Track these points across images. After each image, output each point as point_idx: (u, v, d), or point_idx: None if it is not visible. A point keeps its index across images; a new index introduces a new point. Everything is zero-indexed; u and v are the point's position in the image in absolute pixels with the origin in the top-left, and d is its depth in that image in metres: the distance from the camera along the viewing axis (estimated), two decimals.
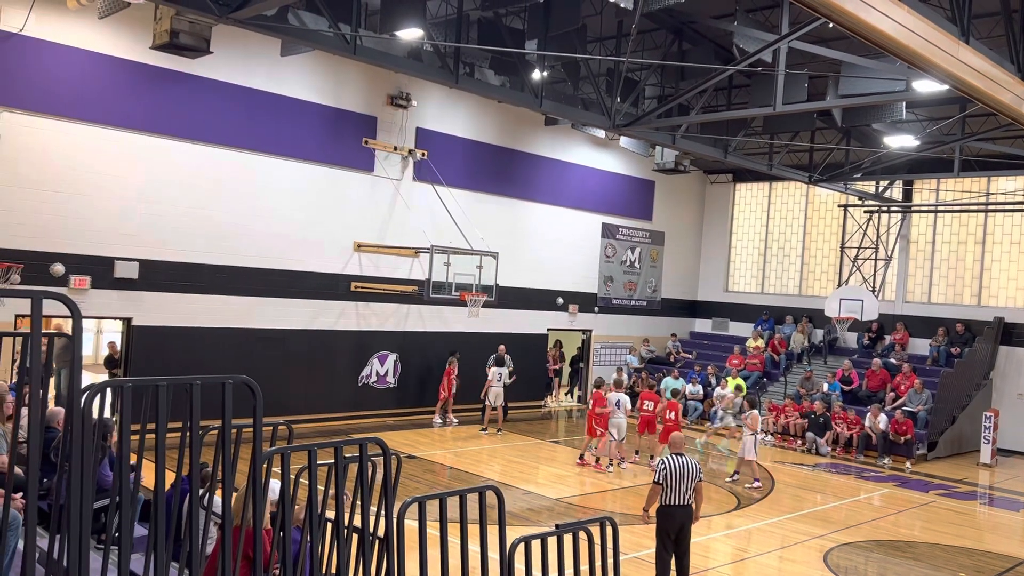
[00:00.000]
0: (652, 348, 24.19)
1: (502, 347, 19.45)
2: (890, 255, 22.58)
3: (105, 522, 6.14)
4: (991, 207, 21.00)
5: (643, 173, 23.69)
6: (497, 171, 20.18)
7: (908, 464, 17.34)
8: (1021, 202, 20.47)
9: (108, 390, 3.53)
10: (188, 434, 3.73)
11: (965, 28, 9.11)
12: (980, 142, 17.61)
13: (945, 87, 10.38)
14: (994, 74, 9.69)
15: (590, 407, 15.36)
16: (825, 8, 7.36)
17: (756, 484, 14.24)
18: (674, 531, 8.45)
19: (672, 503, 8.41)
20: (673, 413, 14.96)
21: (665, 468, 8.39)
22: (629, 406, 15.38)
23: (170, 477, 4.44)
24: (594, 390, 15.43)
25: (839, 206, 23.55)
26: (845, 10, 7.39)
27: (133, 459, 3.76)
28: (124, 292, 14.31)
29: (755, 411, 14.89)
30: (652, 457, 15.47)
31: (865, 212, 22.90)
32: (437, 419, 18.13)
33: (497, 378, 17.88)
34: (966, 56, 9.10)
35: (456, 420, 18.31)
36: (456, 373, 18.18)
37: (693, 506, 8.56)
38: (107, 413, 6.98)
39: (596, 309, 23.13)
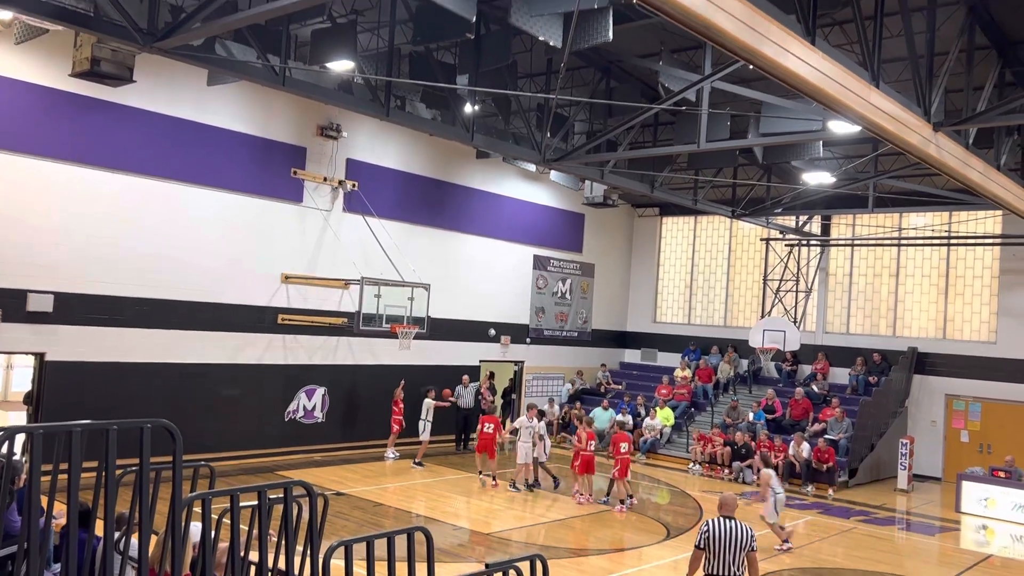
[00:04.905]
0: (583, 380, 24.33)
1: (466, 377, 20.00)
2: (810, 287, 23.34)
3: (12, 571, 5.83)
4: (903, 242, 21.95)
5: (573, 206, 24.01)
6: (429, 203, 20.18)
7: (830, 491, 17.79)
8: (931, 237, 21.46)
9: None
10: (104, 477, 3.59)
11: (875, 73, 9.59)
12: (892, 180, 18.45)
13: (858, 128, 10.87)
14: (903, 117, 10.20)
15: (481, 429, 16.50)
16: (745, 52, 7.66)
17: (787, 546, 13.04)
18: None
19: (717, 573, 7.26)
20: (626, 445, 15.08)
21: (708, 531, 7.32)
22: (540, 433, 16.01)
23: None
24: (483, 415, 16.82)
25: (761, 239, 24.28)
26: (764, 54, 7.71)
27: (45, 503, 3.60)
28: (37, 326, 13.72)
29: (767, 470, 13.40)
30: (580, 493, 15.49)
31: (786, 245, 23.66)
32: (415, 463, 17.65)
33: (424, 412, 17.83)
34: (877, 100, 9.57)
35: (398, 454, 18.14)
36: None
37: None
38: (17, 453, 6.66)
39: (528, 340, 23.22)
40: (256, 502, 4.04)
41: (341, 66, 12.50)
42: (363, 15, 14.15)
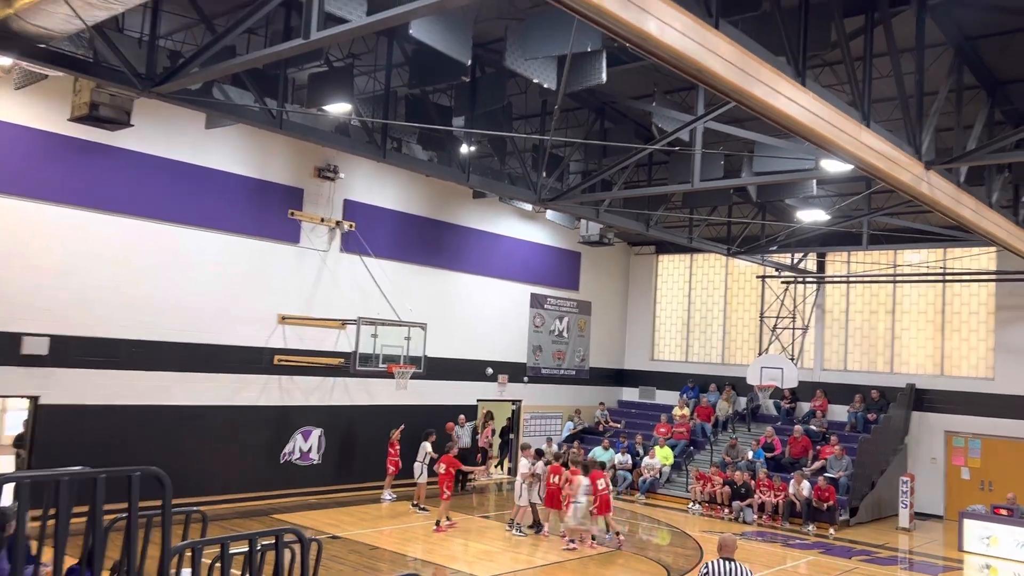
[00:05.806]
0: (581, 419, 24.18)
1: (462, 416, 19.89)
2: (807, 324, 23.33)
3: None
4: (899, 278, 22.00)
5: (569, 245, 24.10)
6: (426, 242, 20.25)
7: (831, 530, 17.60)
8: (926, 273, 21.52)
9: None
10: (93, 524, 3.54)
11: (866, 113, 9.70)
12: (886, 217, 18.54)
13: (850, 167, 10.96)
14: (894, 156, 10.29)
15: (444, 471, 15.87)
16: (736, 93, 7.75)
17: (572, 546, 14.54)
18: None
19: None
20: (603, 481, 14.98)
21: (708, 574, 7.44)
22: (533, 471, 15.86)
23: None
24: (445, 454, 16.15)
25: (757, 277, 24.34)
26: (754, 95, 7.80)
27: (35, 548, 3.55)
28: (31, 369, 13.65)
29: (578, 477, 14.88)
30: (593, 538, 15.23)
31: (782, 283, 23.70)
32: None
33: (421, 455, 17.62)
34: (868, 139, 9.67)
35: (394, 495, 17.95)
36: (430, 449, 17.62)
37: None
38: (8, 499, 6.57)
39: (526, 379, 23.13)
40: (247, 549, 3.99)
41: (338, 109, 12.62)
42: (360, 59, 14.33)
